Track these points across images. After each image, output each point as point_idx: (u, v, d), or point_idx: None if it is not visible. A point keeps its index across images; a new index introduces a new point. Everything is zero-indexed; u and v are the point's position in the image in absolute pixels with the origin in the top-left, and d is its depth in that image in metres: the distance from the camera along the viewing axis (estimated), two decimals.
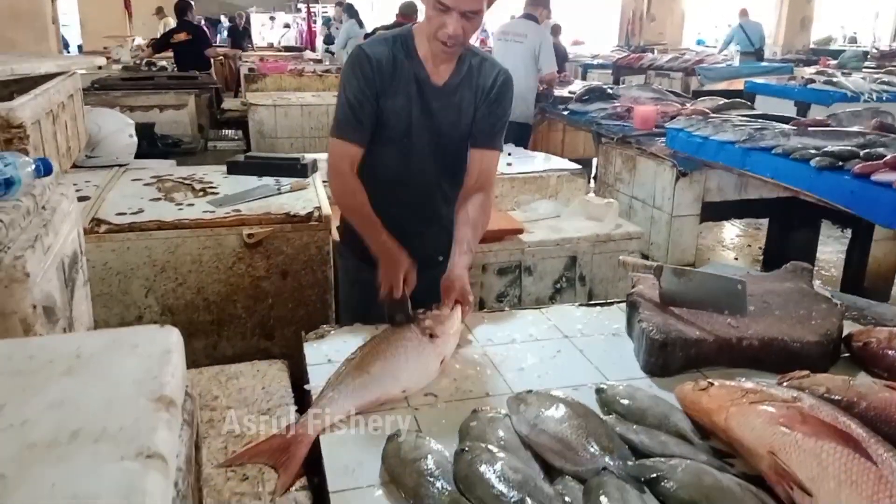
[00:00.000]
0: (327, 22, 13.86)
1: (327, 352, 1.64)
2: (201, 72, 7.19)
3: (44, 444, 0.59)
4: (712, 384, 1.37)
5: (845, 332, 1.67)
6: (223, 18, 20.41)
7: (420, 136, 1.89)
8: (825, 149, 2.90)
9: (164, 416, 0.64)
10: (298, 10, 21.30)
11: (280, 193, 2.57)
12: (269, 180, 2.71)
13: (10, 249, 1.12)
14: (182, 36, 7.74)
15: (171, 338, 0.77)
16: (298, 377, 1.61)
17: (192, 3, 8.22)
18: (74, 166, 2.96)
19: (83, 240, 1.61)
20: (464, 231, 1.86)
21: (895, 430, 1.24)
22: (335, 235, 2.29)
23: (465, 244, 1.83)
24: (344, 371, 1.45)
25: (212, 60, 8.18)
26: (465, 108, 1.91)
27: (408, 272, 1.73)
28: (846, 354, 1.65)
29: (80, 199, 2.46)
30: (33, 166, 1.26)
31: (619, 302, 1.93)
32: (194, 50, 7.65)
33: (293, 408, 1.51)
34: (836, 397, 1.33)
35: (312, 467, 1.30)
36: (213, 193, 2.57)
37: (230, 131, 5.71)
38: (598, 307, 1.93)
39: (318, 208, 2.43)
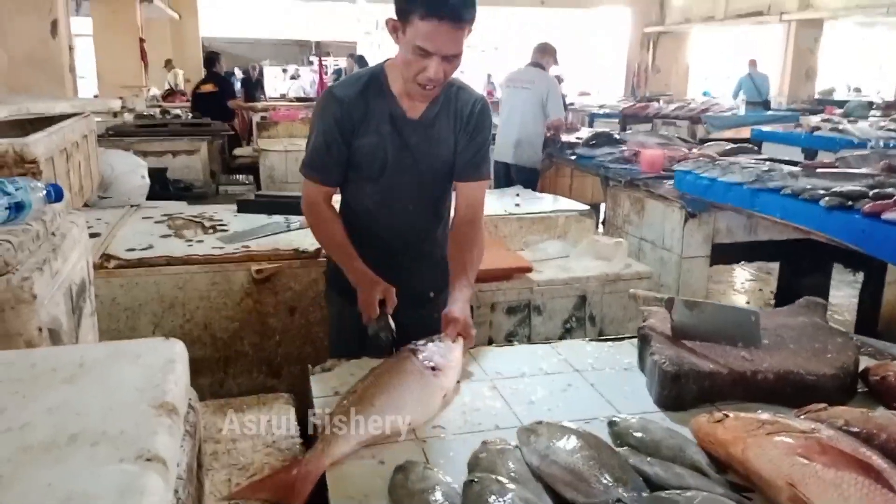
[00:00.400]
0: (338, 72, 14.15)
1: (334, 384, 1.62)
2: (225, 122, 7.33)
3: (42, 446, 0.58)
4: (728, 416, 1.34)
5: (861, 367, 1.63)
6: (237, 71, 20.88)
7: (399, 172, 1.87)
8: (834, 189, 2.89)
9: (166, 422, 0.62)
10: (311, 63, 21.79)
11: (289, 230, 2.58)
12: (278, 218, 2.73)
13: (18, 271, 1.12)
14: (209, 87, 7.94)
15: (176, 348, 0.76)
16: (305, 412, 1.59)
17: (220, 54, 8.47)
18: (86, 206, 2.99)
19: (92, 270, 1.61)
20: (460, 265, 1.85)
21: None
22: None
23: (464, 278, 1.82)
24: (347, 404, 1.42)
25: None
26: (444, 137, 1.88)
27: (385, 291, 1.73)
28: (863, 390, 1.62)
29: (91, 235, 2.48)
30: (44, 192, 1.27)
31: (630, 337, 1.90)
32: (219, 101, 7.81)
33: (298, 440, 1.49)
34: (855, 429, 1.29)
35: (317, 500, 1.27)
36: (223, 231, 2.59)
37: (241, 176, 5.78)
38: (609, 342, 1.90)
39: None
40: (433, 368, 1.53)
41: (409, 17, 1.62)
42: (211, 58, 8.40)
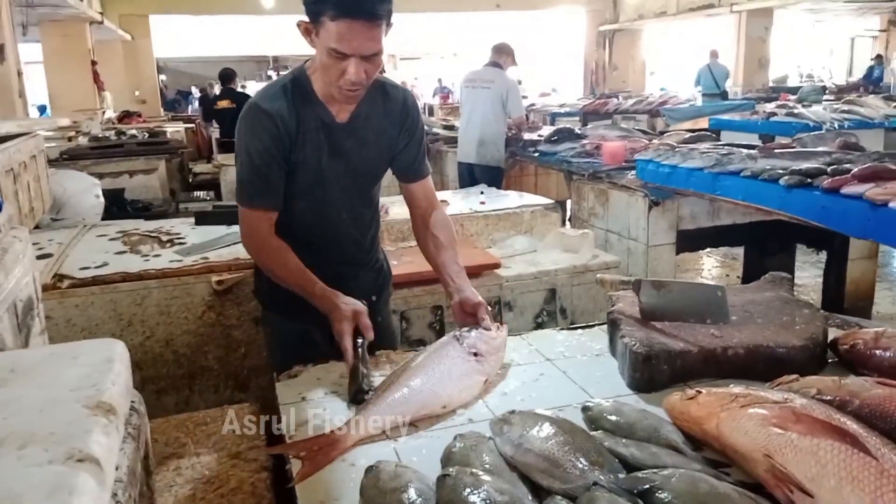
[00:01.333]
0: None
1: (300, 389, 1.58)
2: None
3: None
4: (700, 392, 1.32)
5: (830, 338, 1.63)
6: (194, 90, 20.66)
7: (334, 180, 1.78)
8: (793, 168, 2.92)
9: (101, 422, 0.58)
10: (269, 78, 21.64)
11: None
12: (238, 228, 2.66)
13: None
14: (226, 103, 7.99)
15: (116, 348, 0.72)
16: (272, 421, 1.54)
17: (235, 71, 8.65)
18: (37, 228, 2.90)
19: (39, 287, 1.55)
20: (445, 254, 1.83)
21: (892, 425, 1.20)
22: None
23: (456, 265, 1.80)
24: (388, 383, 1.46)
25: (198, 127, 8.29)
26: (373, 139, 1.80)
27: (360, 319, 1.62)
28: (833, 360, 1.62)
29: (43, 256, 2.40)
30: None
31: (600, 324, 1.89)
32: (237, 116, 7.73)
33: (265, 450, 1.44)
34: (828, 397, 1.29)
35: None
36: (180, 244, 2.52)
37: (202, 192, 5.68)
38: (580, 330, 1.89)
39: None
40: (475, 354, 1.55)
41: (320, 19, 1.54)
42: (227, 74, 8.44)
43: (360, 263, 1.93)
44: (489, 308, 1.74)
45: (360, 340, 1.60)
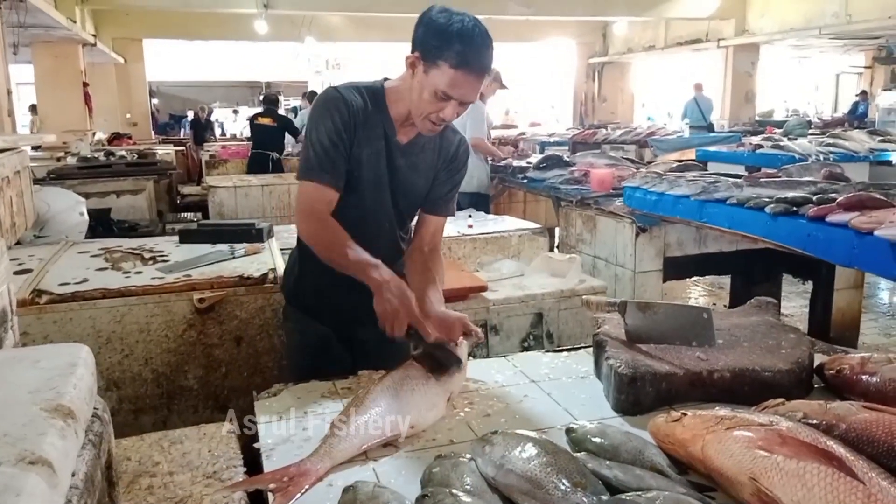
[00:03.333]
0: (295, 111, 14.15)
1: (279, 408, 1.55)
2: (278, 153, 8.14)
3: None
4: (686, 414, 1.31)
5: (816, 363, 1.62)
6: (189, 113, 20.72)
7: (381, 190, 1.83)
8: (778, 196, 2.94)
9: (58, 424, 0.55)
10: (262, 103, 21.70)
11: (234, 258, 2.50)
12: (223, 246, 2.64)
13: None
14: (267, 120, 8.36)
15: (80, 353, 0.69)
16: (249, 441, 1.50)
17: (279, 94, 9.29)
18: (19, 244, 2.85)
19: (14, 299, 1.51)
20: (429, 279, 1.82)
21: (879, 450, 1.18)
22: None
23: (434, 289, 1.79)
24: (349, 407, 1.43)
25: None
26: (424, 169, 1.88)
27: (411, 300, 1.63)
28: (819, 385, 1.61)
29: (22, 271, 2.36)
30: None
31: (585, 347, 1.88)
32: (275, 134, 8.31)
33: (241, 469, 1.40)
34: (815, 421, 1.27)
35: None
36: (163, 261, 2.48)
37: (189, 214, 5.65)
38: (565, 352, 1.87)
39: (273, 270, 2.35)
40: (438, 371, 1.55)
41: (437, 62, 1.63)
42: (273, 98, 9.13)
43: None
44: (466, 319, 1.73)
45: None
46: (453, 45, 1.60)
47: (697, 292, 6.02)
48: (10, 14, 6.63)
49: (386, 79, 1.85)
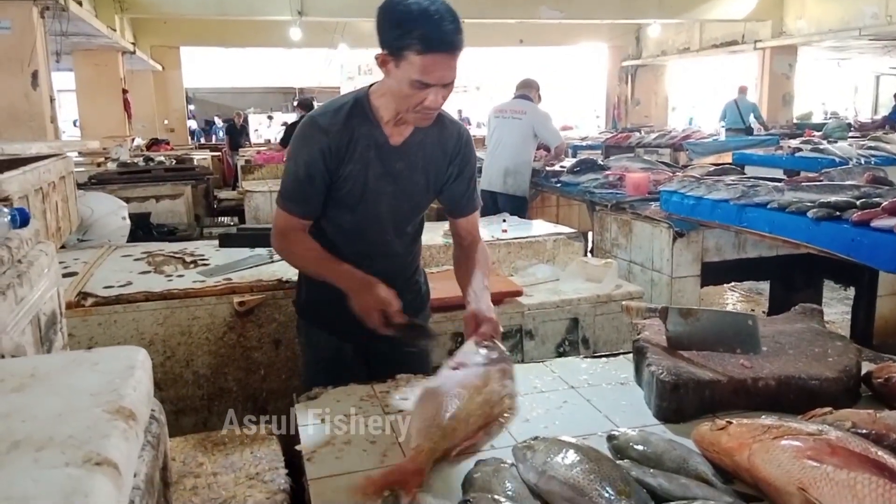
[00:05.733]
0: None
1: (319, 412, 1.56)
2: None
3: None
4: (731, 423, 1.28)
5: (864, 371, 1.58)
6: (217, 119, 21.04)
7: (378, 199, 1.82)
8: (821, 200, 2.88)
9: (121, 426, 0.56)
10: (294, 109, 21.97)
11: (272, 262, 2.52)
12: (261, 250, 2.67)
13: None
14: None
15: (138, 356, 0.71)
16: (289, 443, 1.52)
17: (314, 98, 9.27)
18: (63, 248, 2.92)
19: (63, 302, 1.55)
20: (475, 273, 1.83)
21: None
22: None
23: (482, 283, 1.80)
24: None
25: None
26: (426, 164, 1.85)
27: (385, 293, 1.66)
28: (867, 394, 1.57)
29: (68, 274, 2.42)
30: (8, 217, 1.22)
31: (625, 353, 1.86)
32: None
33: (283, 471, 1.42)
34: (864, 431, 1.25)
35: None
36: (203, 265, 2.52)
37: (226, 218, 5.73)
38: (604, 358, 1.85)
39: None
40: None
41: (403, 53, 1.59)
42: (307, 103, 9.26)
43: (399, 282, 1.91)
44: (497, 322, 1.72)
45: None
46: (413, 32, 1.56)
47: (735, 298, 5.92)
48: (53, 23, 6.82)
49: (372, 84, 1.82)
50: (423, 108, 1.66)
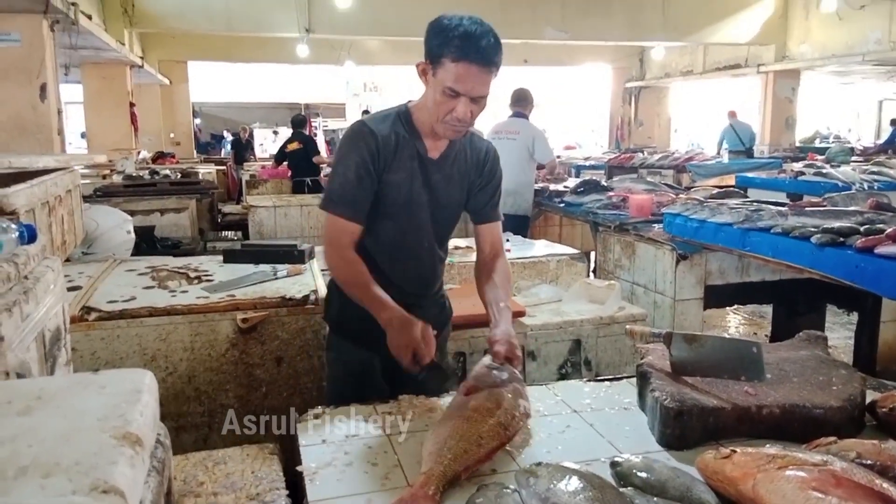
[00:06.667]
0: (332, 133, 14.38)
1: (322, 433, 1.55)
2: (313, 177, 8.13)
3: None
4: (735, 451, 1.27)
5: (868, 400, 1.58)
6: (226, 133, 21.13)
7: (419, 208, 1.89)
8: (825, 226, 2.88)
9: (128, 452, 0.56)
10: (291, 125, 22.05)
11: (276, 279, 2.53)
12: (265, 267, 2.68)
13: None
14: (295, 145, 8.50)
15: (144, 379, 0.70)
16: (291, 463, 1.51)
17: (307, 117, 9.51)
18: (68, 261, 2.93)
19: (68, 318, 1.55)
20: (496, 292, 1.88)
21: None
22: None
23: (503, 302, 1.85)
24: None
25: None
26: (459, 179, 1.95)
27: (425, 332, 1.69)
28: (871, 423, 1.56)
29: (72, 288, 2.42)
30: (17, 233, 1.22)
31: (628, 377, 1.85)
32: (305, 157, 8.41)
33: (284, 492, 1.41)
34: (869, 461, 1.24)
35: None
36: (208, 280, 2.52)
37: (230, 232, 5.74)
38: (607, 382, 1.85)
39: (315, 291, 2.37)
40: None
41: (441, 60, 1.69)
42: (300, 120, 9.15)
43: (429, 294, 2.02)
44: (517, 346, 1.75)
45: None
46: (453, 40, 1.66)
47: (737, 321, 5.90)
48: (63, 36, 6.87)
49: (409, 101, 1.92)
50: (453, 119, 1.74)
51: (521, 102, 5.38)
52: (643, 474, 1.28)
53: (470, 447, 1.34)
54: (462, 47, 1.66)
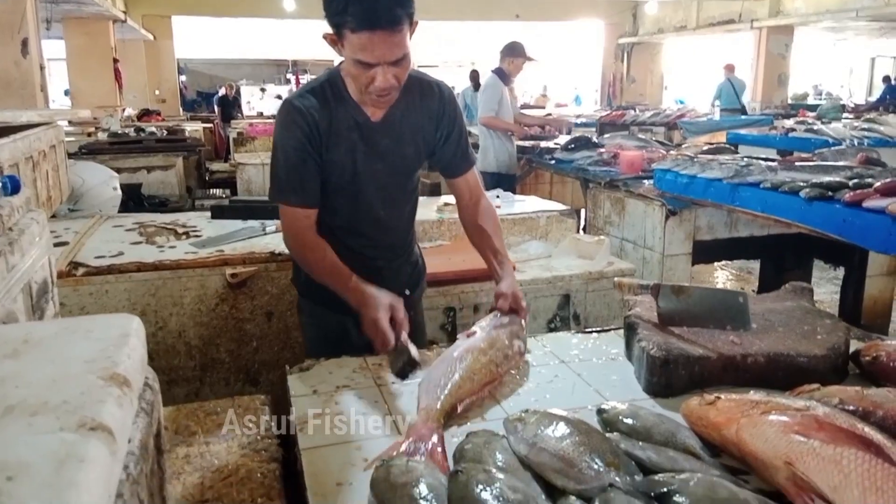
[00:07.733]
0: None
1: (312, 383, 1.57)
2: None
3: None
4: (720, 398, 1.30)
5: (852, 349, 1.60)
6: (221, 90, 20.82)
7: (369, 178, 1.78)
8: (814, 181, 2.88)
9: (115, 392, 0.56)
10: (288, 82, 21.78)
11: (265, 234, 2.52)
12: (254, 223, 2.67)
13: None
14: None
15: (132, 324, 0.70)
16: (282, 414, 1.53)
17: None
18: (54, 217, 2.91)
19: (55, 271, 1.54)
20: (492, 242, 1.86)
21: None
22: None
23: (500, 254, 1.84)
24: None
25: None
26: (411, 136, 1.80)
27: (395, 312, 1.60)
28: (854, 372, 1.59)
29: (59, 244, 2.40)
30: None
31: (615, 328, 1.87)
32: None
33: (276, 441, 1.43)
34: (851, 407, 1.26)
35: (293, 496, 1.21)
36: (196, 237, 2.52)
37: (217, 190, 5.71)
38: (595, 333, 1.87)
39: None
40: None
41: (342, 32, 1.53)
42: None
43: (397, 256, 1.94)
44: (521, 298, 1.79)
45: (403, 335, 1.59)
46: (347, 9, 1.49)
47: (725, 276, 5.96)
48: None
49: (341, 63, 1.71)
50: (376, 89, 1.60)
51: (501, 58, 5.14)
52: (629, 420, 1.30)
53: (463, 382, 1.41)
54: (357, 15, 1.48)
